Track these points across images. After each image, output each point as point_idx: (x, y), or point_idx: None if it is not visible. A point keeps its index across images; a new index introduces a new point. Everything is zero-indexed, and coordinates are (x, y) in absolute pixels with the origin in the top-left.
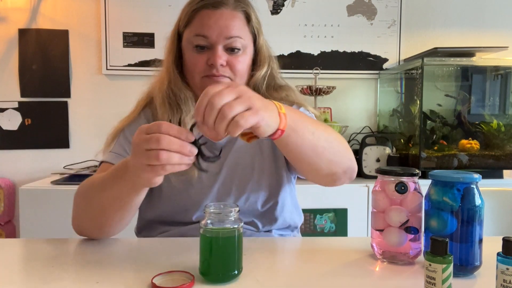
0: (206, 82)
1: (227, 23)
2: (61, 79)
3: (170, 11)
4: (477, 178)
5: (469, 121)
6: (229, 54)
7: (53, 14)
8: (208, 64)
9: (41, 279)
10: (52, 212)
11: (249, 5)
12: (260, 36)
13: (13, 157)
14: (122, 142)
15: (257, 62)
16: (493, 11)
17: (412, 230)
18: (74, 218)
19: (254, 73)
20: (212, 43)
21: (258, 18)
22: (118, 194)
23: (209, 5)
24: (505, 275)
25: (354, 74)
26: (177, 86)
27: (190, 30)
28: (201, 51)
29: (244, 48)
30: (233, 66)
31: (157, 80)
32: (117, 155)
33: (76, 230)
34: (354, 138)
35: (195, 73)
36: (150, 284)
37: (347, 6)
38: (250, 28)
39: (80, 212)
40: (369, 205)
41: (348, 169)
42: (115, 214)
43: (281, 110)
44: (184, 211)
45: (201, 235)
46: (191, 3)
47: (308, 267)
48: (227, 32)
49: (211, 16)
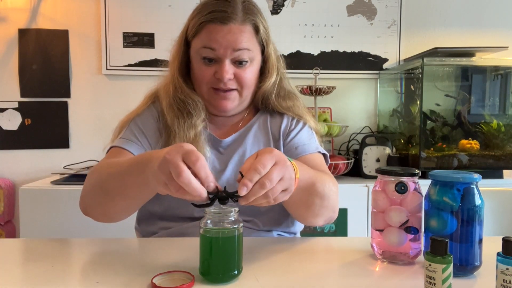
0: (213, 94)
1: (235, 37)
2: (61, 79)
3: (170, 11)
4: (477, 178)
5: (469, 121)
6: (237, 67)
7: (53, 14)
8: (216, 77)
9: (41, 279)
10: (52, 212)
11: (257, 16)
12: (268, 45)
13: (13, 157)
14: (133, 129)
15: (265, 71)
16: (493, 11)
17: (412, 230)
18: (82, 197)
19: (263, 84)
20: (220, 56)
21: (266, 27)
22: (132, 184)
23: (217, 20)
24: (505, 275)
25: (354, 74)
26: (183, 93)
27: (198, 41)
28: (209, 63)
29: (251, 60)
30: (241, 78)
31: (163, 82)
32: (127, 141)
33: (81, 208)
34: (354, 138)
35: (202, 83)
36: (150, 284)
37: (347, 6)
38: (259, 39)
39: (90, 191)
40: (369, 205)
41: (329, 219)
42: (123, 202)
43: (297, 175)
44: (187, 206)
45: (201, 235)
46: (199, 13)
47: (308, 267)
48: (235, 45)
49: (219, 31)
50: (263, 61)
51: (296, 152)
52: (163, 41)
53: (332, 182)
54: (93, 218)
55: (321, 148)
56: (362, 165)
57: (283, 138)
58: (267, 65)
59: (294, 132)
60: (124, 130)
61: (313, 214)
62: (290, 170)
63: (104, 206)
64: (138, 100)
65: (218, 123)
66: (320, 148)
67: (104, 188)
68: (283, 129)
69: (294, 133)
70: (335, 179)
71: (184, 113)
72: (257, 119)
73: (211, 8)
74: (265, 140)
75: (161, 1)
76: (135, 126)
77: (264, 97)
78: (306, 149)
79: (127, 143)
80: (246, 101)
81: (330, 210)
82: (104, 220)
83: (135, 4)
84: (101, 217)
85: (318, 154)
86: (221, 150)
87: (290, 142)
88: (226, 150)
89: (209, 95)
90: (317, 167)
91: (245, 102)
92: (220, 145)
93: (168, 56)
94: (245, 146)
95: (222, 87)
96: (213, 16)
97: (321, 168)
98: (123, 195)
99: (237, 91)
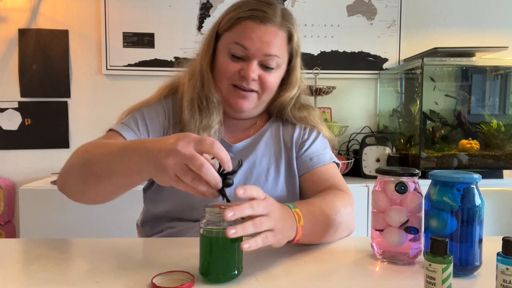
0: (232, 92)
1: (269, 40)
2: (61, 79)
3: (170, 11)
4: (477, 178)
5: (469, 121)
6: (262, 70)
7: (53, 14)
8: (240, 75)
9: (41, 279)
10: (52, 212)
11: (294, 25)
12: (296, 58)
13: (13, 157)
14: (137, 117)
15: (287, 83)
16: (493, 11)
17: (412, 230)
18: (63, 172)
19: (283, 94)
20: (249, 55)
21: (299, 38)
22: (120, 169)
23: (256, 18)
24: (505, 275)
25: (354, 74)
26: (210, 91)
27: (230, 35)
28: (236, 60)
29: (278, 66)
30: (264, 82)
31: (187, 77)
32: (128, 129)
33: (59, 184)
34: (354, 138)
35: (224, 78)
36: (150, 284)
37: (347, 6)
38: (289, 48)
39: (73, 168)
40: (369, 205)
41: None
42: (106, 185)
43: (299, 224)
44: (191, 209)
45: (201, 235)
46: (238, 9)
47: (308, 267)
48: (267, 49)
49: (255, 30)
50: (287, 72)
51: (311, 163)
52: (163, 41)
53: (344, 203)
54: (70, 196)
55: (335, 157)
56: (362, 165)
57: (295, 148)
58: (291, 77)
59: (308, 142)
60: (129, 116)
61: (329, 240)
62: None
63: (84, 186)
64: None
65: (229, 126)
66: (334, 158)
67: (88, 168)
68: (295, 139)
69: (308, 143)
70: (348, 194)
71: (203, 112)
72: (269, 127)
73: (252, 6)
74: (276, 149)
75: (161, 1)
76: (140, 115)
77: (281, 108)
78: (321, 160)
79: (125, 129)
80: (262, 106)
81: (346, 231)
82: (80, 201)
83: (135, 4)
84: (78, 197)
85: (333, 164)
86: (231, 155)
87: (305, 153)
88: (236, 156)
89: (228, 92)
90: (332, 179)
91: (260, 107)
92: (231, 150)
93: (166, 56)
94: (256, 153)
95: (244, 85)
96: (253, 14)
97: (336, 180)
98: (107, 179)
99: (257, 93)
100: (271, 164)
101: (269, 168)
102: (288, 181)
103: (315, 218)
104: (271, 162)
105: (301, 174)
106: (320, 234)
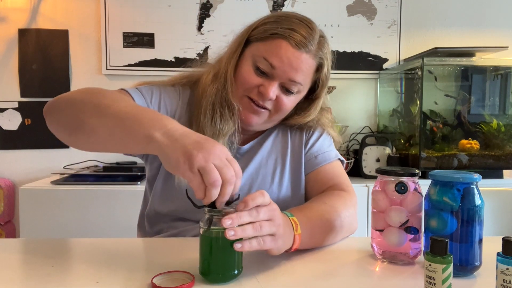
0: (245, 103)
1: (298, 66)
2: (61, 79)
3: (170, 11)
4: (477, 178)
5: (469, 121)
6: (281, 91)
7: (53, 14)
8: (259, 90)
9: (41, 279)
10: (52, 212)
11: (327, 56)
12: (322, 89)
13: (13, 157)
14: (153, 90)
15: (306, 110)
16: (493, 11)
17: (412, 230)
18: (55, 103)
19: (298, 118)
20: (274, 75)
21: (329, 70)
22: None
23: (293, 40)
24: (505, 275)
25: (354, 74)
26: (235, 98)
27: (260, 47)
28: (259, 74)
29: (298, 92)
30: (279, 103)
31: (210, 76)
32: (139, 93)
33: (46, 108)
34: (354, 138)
35: (242, 88)
36: (150, 284)
37: (347, 6)
38: (315, 77)
39: (67, 105)
40: (369, 205)
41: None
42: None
43: (297, 232)
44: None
45: (201, 235)
46: (278, 23)
47: (308, 267)
48: (293, 75)
49: (288, 52)
50: (309, 99)
51: (317, 161)
52: (163, 41)
53: (346, 205)
54: (53, 129)
55: (340, 155)
56: (362, 165)
57: (304, 148)
58: (311, 105)
59: (312, 139)
60: (145, 86)
61: (329, 244)
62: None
63: (71, 128)
64: None
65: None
66: (339, 155)
67: (83, 112)
68: (304, 138)
69: (312, 140)
70: (351, 194)
71: (223, 118)
72: (276, 127)
73: (292, 26)
74: (282, 151)
75: (161, 1)
76: (157, 91)
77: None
78: (326, 157)
79: (138, 94)
80: (271, 124)
81: (348, 233)
82: (64, 138)
83: (135, 4)
84: (61, 133)
85: (338, 162)
86: (238, 157)
87: (310, 150)
88: (243, 157)
89: (241, 103)
90: (337, 178)
91: (269, 124)
92: (238, 151)
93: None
94: (261, 154)
95: (259, 102)
96: (291, 35)
97: (340, 179)
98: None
99: (269, 112)
100: (277, 165)
101: (275, 169)
102: (294, 181)
103: (313, 224)
104: (277, 163)
105: (307, 173)
106: (319, 240)
